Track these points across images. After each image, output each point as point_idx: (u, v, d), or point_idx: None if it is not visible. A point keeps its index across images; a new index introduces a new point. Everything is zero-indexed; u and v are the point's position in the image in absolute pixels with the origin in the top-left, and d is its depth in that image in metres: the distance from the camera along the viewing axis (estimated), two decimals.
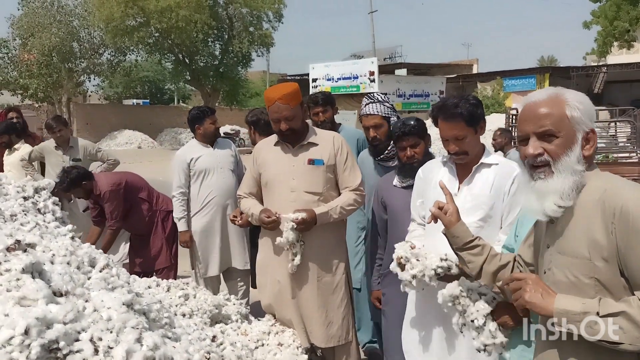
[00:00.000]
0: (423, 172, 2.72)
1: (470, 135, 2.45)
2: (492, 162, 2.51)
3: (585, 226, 1.49)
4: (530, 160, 1.57)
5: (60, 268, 1.84)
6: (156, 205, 4.73)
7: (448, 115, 2.43)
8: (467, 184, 2.50)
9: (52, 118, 5.75)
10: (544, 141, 1.55)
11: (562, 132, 1.53)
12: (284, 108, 2.99)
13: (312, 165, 3.07)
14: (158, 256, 4.67)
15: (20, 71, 27.48)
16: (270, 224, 3.01)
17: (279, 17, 28.22)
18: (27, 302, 1.60)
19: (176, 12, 24.03)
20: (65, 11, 27.51)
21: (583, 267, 1.49)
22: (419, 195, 2.72)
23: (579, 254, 1.50)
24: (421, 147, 2.93)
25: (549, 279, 1.59)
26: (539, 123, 1.55)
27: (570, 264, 1.52)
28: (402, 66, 30.63)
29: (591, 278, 1.48)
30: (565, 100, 1.55)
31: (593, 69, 28.41)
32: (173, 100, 45.87)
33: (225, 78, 28.85)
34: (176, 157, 4.43)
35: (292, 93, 3.04)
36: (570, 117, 1.53)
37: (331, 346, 3.14)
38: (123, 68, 30.66)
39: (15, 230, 2.07)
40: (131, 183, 4.67)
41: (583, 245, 1.49)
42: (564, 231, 1.56)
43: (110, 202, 4.48)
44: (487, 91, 27.98)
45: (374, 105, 3.43)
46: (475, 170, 2.50)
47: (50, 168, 5.58)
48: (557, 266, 1.57)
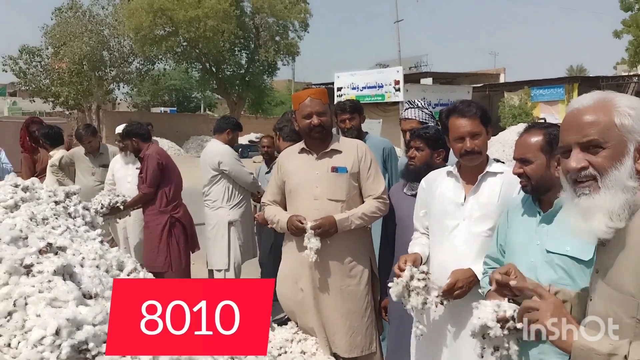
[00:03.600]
0: (426, 183, 2.71)
1: (483, 135, 2.47)
2: (497, 170, 2.51)
3: (634, 257, 1.29)
4: (572, 175, 1.36)
5: (90, 271, 1.88)
6: (172, 210, 4.82)
7: (464, 112, 2.45)
8: (474, 194, 2.49)
9: (83, 127, 5.93)
10: (589, 153, 1.34)
11: (610, 142, 1.32)
12: (317, 103, 3.06)
13: (336, 173, 3.07)
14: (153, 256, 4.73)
15: (52, 79, 28.21)
16: (300, 231, 2.98)
17: (304, 27, 28.43)
18: (58, 303, 1.64)
19: (204, 22, 24.40)
20: (97, 21, 28.18)
21: (625, 305, 1.29)
22: (422, 206, 2.73)
23: (624, 289, 1.30)
24: (423, 154, 2.93)
25: (590, 308, 1.43)
26: (582, 132, 1.35)
27: (612, 297, 1.33)
28: (427, 75, 30.48)
29: (633, 318, 1.27)
30: (614, 106, 1.34)
31: (624, 79, 27.87)
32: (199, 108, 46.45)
33: (251, 87, 29.13)
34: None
35: (323, 91, 3.17)
36: (620, 125, 1.32)
37: (354, 356, 3.11)
38: (151, 76, 31.24)
39: (47, 233, 2.12)
40: (169, 170, 4.86)
41: (630, 279, 1.29)
42: (612, 259, 1.35)
43: (147, 166, 4.71)
44: (514, 100, 27.64)
45: (413, 111, 3.57)
46: (481, 179, 2.50)
47: (81, 174, 5.72)
48: (599, 296, 1.39)
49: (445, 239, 2.54)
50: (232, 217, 4.80)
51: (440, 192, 2.59)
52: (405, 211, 2.97)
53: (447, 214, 2.54)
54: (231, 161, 4.78)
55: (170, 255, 4.73)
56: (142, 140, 4.84)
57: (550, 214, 2.03)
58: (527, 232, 2.11)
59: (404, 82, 23.65)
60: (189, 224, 4.98)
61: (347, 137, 3.68)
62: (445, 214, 2.54)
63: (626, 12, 23.01)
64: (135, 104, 41.90)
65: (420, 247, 2.64)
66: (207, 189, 4.86)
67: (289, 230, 3.06)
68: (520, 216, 2.18)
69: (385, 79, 24.03)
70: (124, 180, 5.24)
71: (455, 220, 2.51)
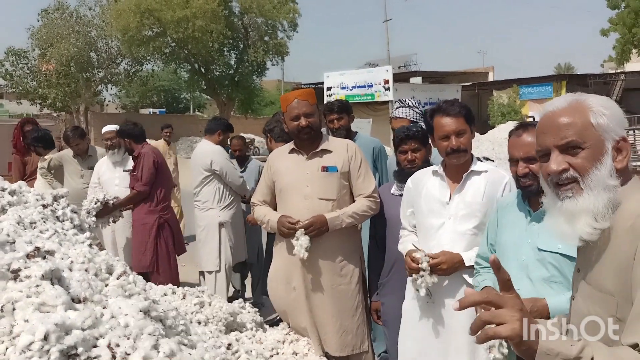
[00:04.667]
0: (412, 182, 2.74)
1: (468, 133, 2.51)
2: (481, 169, 2.55)
3: (614, 256, 1.28)
4: (554, 178, 1.35)
5: (79, 275, 1.86)
6: (161, 210, 4.80)
7: (448, 110, 2.50)
8: (459, 192, 2.53)
9: (70, 130, 5.84)
10: (568, 154, 1.34)
11: (588, 142, 1.32)
12: (304, 104, 3.06)
13: (326, 172, 3.08)
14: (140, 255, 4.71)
15: (39, 81, 27.94)
16: (291, 230, 2.98)
17: (293, 27, 28.37)
18: (47, 308, 1.62)
19: (192, 23, 24.27)
20: (84, 22, 27.93)
21: (605, 303, 1.29)
22: (409, 205, 2.76)
23: (603, 288, 1.29)
24: (422, 153, 2.95)
25: (573, 307, 1.42)
26: (560, 134, 1.34)
27: (593, 296, 1.33)
28: (416, 74, 30.58)
29: (612, 317, 1.27)
30: (588, 107, 1.35)
31: (611, 77, 28.15)
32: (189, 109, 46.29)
33: (241, 87, 29.04)
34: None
35: (310, 92, 3.18)
36: (597, 125, 1.32)
37: (345, 355, 3.12)
38: (140, 77, 31.05)
39: (35, 237, 2.09)
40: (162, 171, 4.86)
41: (609, 278, 1.28)
42: (593, 258, 1.34)
43: (143, 164, 4.69)
44: (503, 99, 27.80)
45: (404, 110, 3.65)
46: (465, 177, 2.53)
47: (69, 176, 5.66)
48: (582, 295, 1.39)
49: (431, 237, 2.57)
50: (222, 219, 4.78)
51: (427, 191, 2.62)
52: (394, 212, 2.99)
53: (433, 213, 2.57)
54: (223, 161, 4.76)
55: (158, 255, 4.70)
56: (135, 142, 4.81)
57: (540, 213, 2.04)
58: (517, 230, 2.13)
59: (393, 81, 23.69)
60: (176, 226, 4.96)
61: (336, 137, 3.69)
62: (431, 213, 2.58)
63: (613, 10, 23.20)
64: (123, 105, 41.67)
65: (411, 245, 2.66)
66: (197, 190, 4.84)
67: (279, 231, 3.06)
68: (510, 215, 2.20)
69: (374, 79, 24.06)
70: (111, 182, 5.16)
71: (441, 218, 2.55)
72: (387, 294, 3.07)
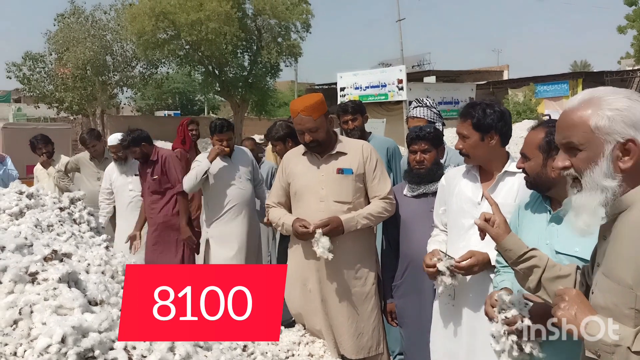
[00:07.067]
0: (446, 180, 2.71)
1: (474, 139, 2.46)
2: (516, 170, 2.47)
3: (633, 250, 1.32)
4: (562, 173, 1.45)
5: (95, 277, 1.87)
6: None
7: (462, 112, 2.51)
8: (491, 193, 2.45)
9: (87, 132, 5.89)
10: (570, 154, 1.41)
11: (585, 144, 1.36)
12: (307, 120, 3.00)
13: (341, 175, 3.06)
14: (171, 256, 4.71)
15: (55, 85, 28.26)
16: (305, 235, 2.95)
17: (306, 28, 28.37)
18: (64, 310, 1.63)
19: (206, 25, 24.39)
20: (99, 26, 28.20)
21: (624, 296, 1.32)
22: (441, 203, 2.71)
23: (622, 281, 1.33)
24: (432, 155, 2.92)
25: (592, 301, 1.45)
26: (562, 134, 1.42)
27: (612, 289, 1.36)
28: (430, 73, 30.45)
29: (631, 309, 1.31)
30: (595, 106, 1.36)
31: (628, 74, 27.74)
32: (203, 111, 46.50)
33: (254, 88, 29.11)
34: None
35: (315, 105, 3.03)
36: (595, 128, 1.34)
37: (361, 357, 3.10)
38: (154, 80, 31.25)
39: (52, 240, 2.12)
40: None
41: (628, 271, 1.32)
42: (612, 252, 1.38)
43: (170, 166, 4.69)
44: (518, 97, 27.54)
45: (422, 109, 3.62)
46: (498, 178, 2.49)
47: (86, 179, 5.72)
48: (600, 289, 1.42)
49: (461, 238, 2.52)
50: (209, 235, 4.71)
51: (459, 190, 2.58)
52: (407, 213, 2.96)
53: (464, 213, 2.52)
54: None
55: (184, 256, 4.74)
56: (150, 144, 4.83)
57: (560, 213, 2.00)
58: (537, 230, 2.10)
59: (407, 81, 23.63)
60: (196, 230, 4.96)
61: (351, 137, 3.67)
62: (462, 213, 2.53)
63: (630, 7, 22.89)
64: (139, 107, 41.98)
65: (438, 244, 2.63)
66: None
67: (294, 234, 3.05)
68: (531, 214, 2.17)
69: (388, 78, 24.01)
70: (125, 188, 5.16)
71: (471, 219, 2.48)
72: (402, 295, 3.05)
